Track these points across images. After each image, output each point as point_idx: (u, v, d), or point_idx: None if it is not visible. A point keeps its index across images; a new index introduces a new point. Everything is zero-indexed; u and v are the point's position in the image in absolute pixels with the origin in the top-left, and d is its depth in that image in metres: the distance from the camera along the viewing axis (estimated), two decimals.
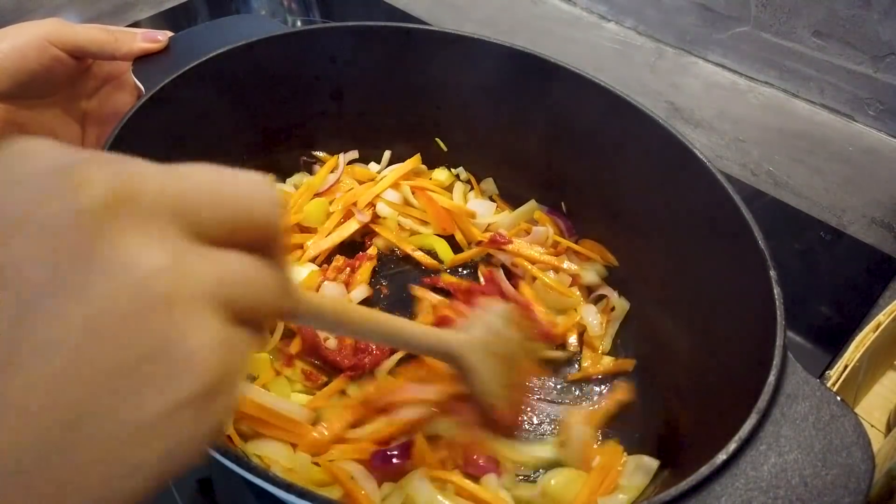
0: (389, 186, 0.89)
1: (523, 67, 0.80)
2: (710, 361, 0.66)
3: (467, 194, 0.93)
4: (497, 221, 0.89)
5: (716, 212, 0.66)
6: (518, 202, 0.91)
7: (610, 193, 0.82)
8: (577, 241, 0.87)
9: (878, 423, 0.72)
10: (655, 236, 0.77)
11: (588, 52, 1.21)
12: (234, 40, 0.77)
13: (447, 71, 0.85)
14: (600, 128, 0.78)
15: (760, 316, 0.56)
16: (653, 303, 0.78)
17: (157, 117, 0.70)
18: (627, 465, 0.65)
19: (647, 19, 1.19)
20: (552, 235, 0.86)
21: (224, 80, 0.77)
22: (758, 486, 0.45)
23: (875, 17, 0.94)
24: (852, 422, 0.48)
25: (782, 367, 0.51)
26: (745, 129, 1.09)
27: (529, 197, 0.91)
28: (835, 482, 0.45)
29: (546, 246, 0.86)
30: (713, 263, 0.68)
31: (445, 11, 1.33)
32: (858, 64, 0.99)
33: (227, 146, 0.81)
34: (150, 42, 0.74)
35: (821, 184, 1.02)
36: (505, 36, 0.81)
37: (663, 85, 1.15)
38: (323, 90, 0.87)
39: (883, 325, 0.67)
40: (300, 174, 0.92)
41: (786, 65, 1.06)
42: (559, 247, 0.86)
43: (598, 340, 0.79)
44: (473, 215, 0.89)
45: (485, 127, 0.89)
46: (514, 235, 0.86)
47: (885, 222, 0.96)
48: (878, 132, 1.02)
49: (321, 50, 0.83)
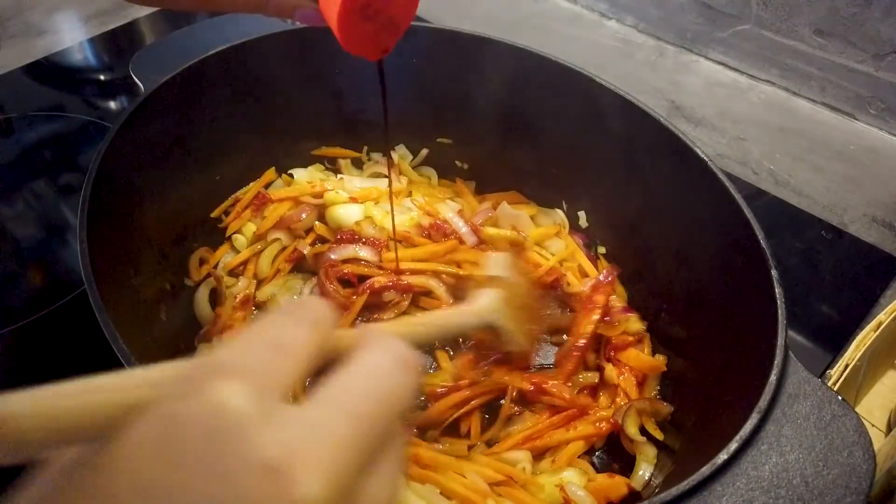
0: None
1: (524, 65, 0.80)
2: (711, 360, 0.65)
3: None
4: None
5: (717, 210, 0.65)
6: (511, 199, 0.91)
7: (610, 193, 0.82)
8: (594, 251, 0.87)
9: (878, 423, 0.72)
10: (656, 235, 0.77)
11: (589, 50, 1.21)
12: (234, 38, 0.77)
13: (447, 70, 0.84)
14: (600, 127, 0.78)
15: (761, 315, 0.56)
16: (653, 301, 0.78)
17: (158, 115, 0.70)
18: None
19: (648, 17, 1.19)
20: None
21: (224, 78, 0.77)
22: (759, 485, 0.45)
23: (876, 16, 0.93)
24: (853, 421, 0.48)
25: (783, 366, 0.51)
26: (746, 128, 1.09)
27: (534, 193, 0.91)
28: (836, 482, 0.45)
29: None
30: (714, 262, 0.68)
31: (445, 9, 1.33)
32: (859, 62, 0.98)
33: (226, 144, 0.81)
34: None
35: (822, 182, 1.01)
36: (505, 34, 0.81)
37: (664, 83, 1.15)
38: (323, 88, 0.87)
39: (884, 325, 0.67)
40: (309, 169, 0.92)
41: (787, 63, 1.06)
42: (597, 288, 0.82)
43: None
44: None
45: (484, 125, 0.88)
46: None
47: (886, 221, 0.96)
48: (880, 131, 1.02)
49: (321, 48, 0.82)
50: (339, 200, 0.86)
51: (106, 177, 0.61)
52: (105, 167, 0.61)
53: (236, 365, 0.23)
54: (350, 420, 0.23)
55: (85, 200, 0.58)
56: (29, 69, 1.16)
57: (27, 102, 1.09)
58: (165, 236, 0.75)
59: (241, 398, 0.21)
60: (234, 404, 0.21)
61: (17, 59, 1.17)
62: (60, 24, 1.26)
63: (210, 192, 0.83)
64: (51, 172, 1.00)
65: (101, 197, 0.60)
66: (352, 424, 0.23)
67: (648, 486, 0.64)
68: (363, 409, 0.24)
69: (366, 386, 0.25)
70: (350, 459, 0.22)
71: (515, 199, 0.91)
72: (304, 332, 0.26)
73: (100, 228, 0.57)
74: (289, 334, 0.25)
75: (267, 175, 0.89)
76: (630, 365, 0.72)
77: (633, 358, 0.73)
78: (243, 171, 0.87)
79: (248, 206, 0.85)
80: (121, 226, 0.65)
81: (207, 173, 0.81)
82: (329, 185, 0.88)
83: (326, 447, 0.22)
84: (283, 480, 0.20)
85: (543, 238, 0.87)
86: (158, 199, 0.72)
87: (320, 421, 0.22)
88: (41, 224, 0.93)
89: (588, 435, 0.68)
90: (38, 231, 0.92)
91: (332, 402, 0.24)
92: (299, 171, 0.91)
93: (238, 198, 0.86)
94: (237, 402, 0.21)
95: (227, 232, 0.84)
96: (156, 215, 0.72)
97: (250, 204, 0.85)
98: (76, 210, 0.57)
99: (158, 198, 0.72)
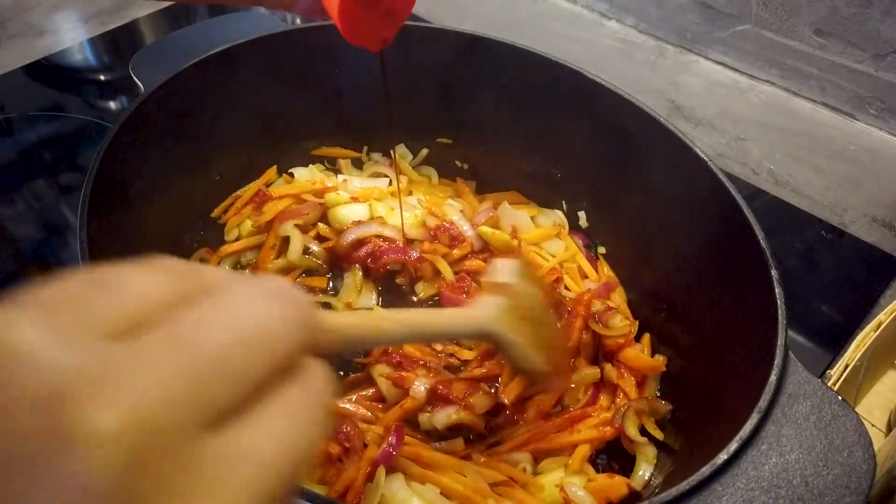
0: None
1: (524, 65, 0.80)
2: (711, 360, 0.65)
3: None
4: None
5: (717, 210, 0.65)
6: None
7: (610, 193, 0.82)
8: (594, 251, 0.87)
9: (878, 423, 0.72)
10: (656, 235, 0.77)
11: (589, 50, 1.21)
12: (234, 38, 0.76)
13: (447, 70, 0.84)
14: (600, 127, 0.78)
15: (761, 315, 0.56)
16: (653, 301, 0.78)
17: (157, 115, 0.70)
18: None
19: (648, 17, 1.19)
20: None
21: (223, 78, 0.77)
22: (759, 485, 0.45)
23: (876, 16, 0.93)
24: (853, 421, 0.48)
25: (783, 366, 0.51)
26: (745, 128, 1.08)
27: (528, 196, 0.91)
28: (836, 482, 0.45)
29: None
30: (714, 262, 0.68)
31: (446, 9, 1.33)
32: (859, 62, 0.98)
33: (226, 144, 0.81)
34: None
35: (822, 182, 1.01)
36: (505, 34, 0.81)
37: (664, 83, 1.15)
38: (323, 88, 0.87)
39: (884, 325, 0.67)
40: (310, 168, 0.92)
41: (787, 63, 1.06)
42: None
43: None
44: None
45: (484, 125, 0.88)
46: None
47: (886, 221, 0.96)
48: (879, 131, 1.01)
49: (321, 48, 0.82)
50: (340, 201, 0.86)
51: (106, 177, 0.61)
52: (105, 167, 0.61)
53: (45, 299, 0.20)
54: (186, 352, 0.20)
55: (85, 200, 0.58)
56: (29, 69, 1.16)
57: (27, 102, 1.09)
58: (165, 236, 0.75)
59: (35, 327, 0.18)
60: (23, 331, 0.18)
61: (17, 59, 1.17)
62: (60, 24, 1.26)
63: (210, 192, 0.83)
64: (51, 172, 1.00)
65: (101, 197, 0.59)
66: (189, 358, 0.19)
67: (648, 486, 0.64)
68: (209, 340, 0.20)
69: (215, 317, 0.21)
70: (176, 396, 0.19)
71: (515, 199, 0.91)
72: (141, 275, 0.22)
73: (100, 229, 0.57)
74: (121, 274, 0.21)
75: (268, 174, 0.89)
76: (630, 365, 0.72)
77: (632, 358, 0.73)
78: (243, 170, 0.87)
79: (249, 203, 0.85)
80: (121, 226, 0.65)
81: (207, 173, 0.81)
82: (331, 184, 0.88)
83: (142, 379, 0.18)
84: (61, 412, 0.17)
85: (543, 239, 0.87)
86: (158, 198, 0.72)
87: (144, 353, 0.19)
88: (41, 224, 0.93)
89: (592, 439, 0.67)
90: (38, 231, 0.92)
91: (167, 336, 0.20)
92: (300, 170, 0.91)
93: (238, 196, 0.86)
94: (27, 330, 0.18)
95: (227, 228, 0.84)
96: (156, 215, 0.72)
97: (251, 201, 0.85)
98: (76, 210, 0.57)
99: (158, 197, 0.72)
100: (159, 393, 0.18)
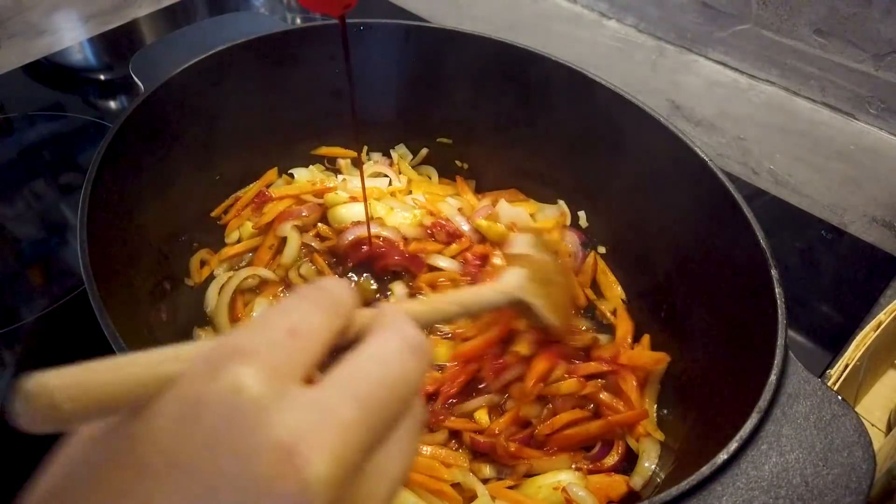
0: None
1: (524, 65, 0.80)
2: (711, 360, 0.65)
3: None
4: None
5: (717, 210, 0.65)
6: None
7: (610, 193, 0.82)
8: (594, 251, 0.87)
9: (878, 423, 0.72)
10: (656, 235, 0.77)
11: (589, 50, 1.21)
12: (234, 38, 0.76)
13: (447, 70, 0.84)
14: (600, 126, 0.78)
15: (761, 315, 0.56)
16: (653, 301, 0.78)
17: (157, 116, 0.70)
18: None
19: (648, 17, 1.19)
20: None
21: (223, 78, 0.77)
22: (759, 485, 0.45)
23: (876, 16, 0.93)
24: (853, 421, 0.48)
25: (783, 366, 0.51)
26: (746, 128, 1.08)
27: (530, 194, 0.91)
28: (836, 482, 0.45)
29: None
30: (714, 262, 0.68)
31: (446, 9, 1.33)
32: (859, 62, 0.98)
33: (226, 144, 0.81)
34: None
35: (822, 182, 1.01)
36: (505, 34, 0.81)
37: (664, 83, 1.15)
38: (323, 88, 0.87)
39: (884, 325, 0.67)
40: (310, 169, 0.92)
41: (787, 63, 1.06)
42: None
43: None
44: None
45: (484, 125, 0.88)
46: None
47: (886, 221, 0.96)
48: (880, 131, 1.01)
49: (321, 48, 0.82)
50: (340, 201, 0.86)
51: (106, 177, 0.61)
52: (105, 167, 0.61)
53: (253, 349, 0.24)
54: (356, 403, 0.24)
55: (85, 200, 0.58)
56: (29, 69, 1.16)
57: (27, 102, 1.09)
58: (165, 236, 0.75)
59: (256, 381, 0.23)
60: (249, 387, 0.23)
61: (17, 59, 1.17)
62: (60, 24, 1.26)
63: (210, 192, 0.83)
64: (51, 172, 1.00)
65: (101, 197, 0.60)
66: (358, 408, 0.24)
67: (649, 485, 0.64)
68: (370, 393, 0.25)
69: (374, 371, 0.26)
70: (356, 441, 0.24)
71: (515, 197, 0.91)
72: (320, 317, 0.27)
73: (100, 228, 0.57)
74: (306, 319, 0.26)
75: (268, 175, 0.89)
76: (632, 364, 0.72)
77: (634, 356, 0.73)
78: (243, 170, 0.87)
79: (249, 205, 0.85)
80: (121, 226, 0.65)
81: (207, 173, 0.81)
82: (331, 184, 0.88)
83: (332, 429, 0.23)
84: (295, 459, 0.22)
85: (540, 233, 0.87)
86: (158, 198, 0.72)
87: (328, 405, 0.24)
88: (41, 224, 0.93)
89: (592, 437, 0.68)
90: (38, 231, 0.92)
91: (340, 387, 0.25)
92: (300, 170, 0.91)
93: (238, 197, 0.86)
94: (252, 384, 0.23)
95: (227, 230, 0.84)
96: (156, 215, 0.72)
97: (251, 202, 0.85)
98: (76, 210, 0.57)
99: (158, 197, 0.72)
100: (349, 441, 0.23)
